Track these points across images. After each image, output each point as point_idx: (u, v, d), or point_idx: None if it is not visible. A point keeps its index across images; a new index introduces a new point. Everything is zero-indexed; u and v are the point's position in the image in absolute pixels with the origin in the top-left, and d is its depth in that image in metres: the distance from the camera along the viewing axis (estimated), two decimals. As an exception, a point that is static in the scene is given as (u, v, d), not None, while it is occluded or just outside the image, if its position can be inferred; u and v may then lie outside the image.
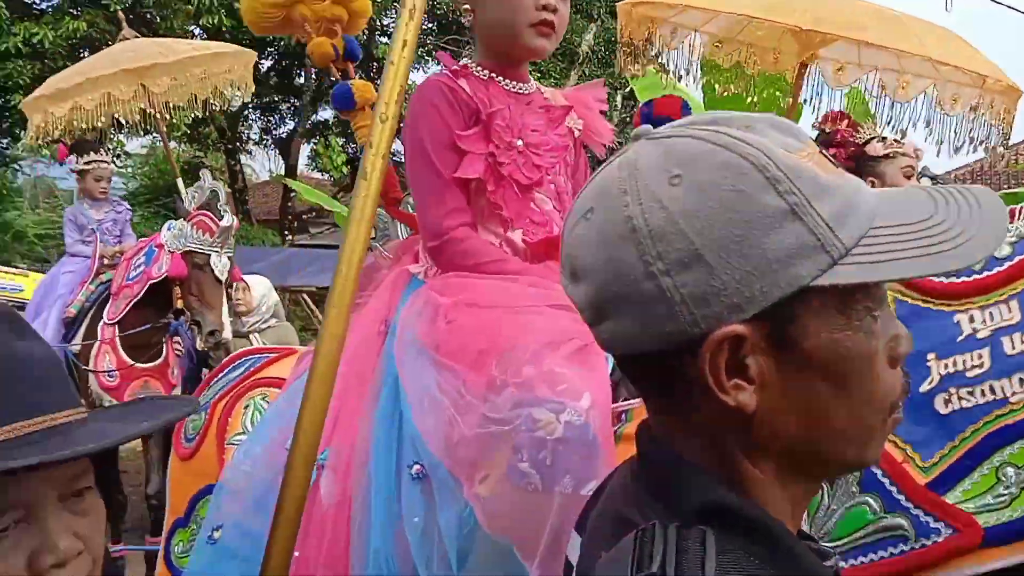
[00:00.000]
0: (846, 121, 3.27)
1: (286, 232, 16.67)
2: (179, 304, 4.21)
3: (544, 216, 1.71)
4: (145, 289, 4.22)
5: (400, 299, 1.68)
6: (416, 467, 1.43)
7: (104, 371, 4.26)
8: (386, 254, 1.96)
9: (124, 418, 1.05)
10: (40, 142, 4.73)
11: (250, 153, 19.08)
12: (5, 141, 14.08)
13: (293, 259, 5.53)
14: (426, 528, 1.39)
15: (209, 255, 4.12)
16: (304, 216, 17.79)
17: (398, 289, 1.72)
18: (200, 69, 4.72)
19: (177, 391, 4.45)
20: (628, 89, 16.29)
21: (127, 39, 4.98)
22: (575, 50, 18.52)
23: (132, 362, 4.32)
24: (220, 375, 2.20)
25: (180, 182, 4.70)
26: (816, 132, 3.34)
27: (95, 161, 4.79)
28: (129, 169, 22.60)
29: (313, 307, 5.96)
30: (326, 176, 18.72)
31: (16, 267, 15.53)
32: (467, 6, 1.71)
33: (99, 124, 4.67)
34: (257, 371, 2.13)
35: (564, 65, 19.24)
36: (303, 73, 16.07)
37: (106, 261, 4.65)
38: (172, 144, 17.29)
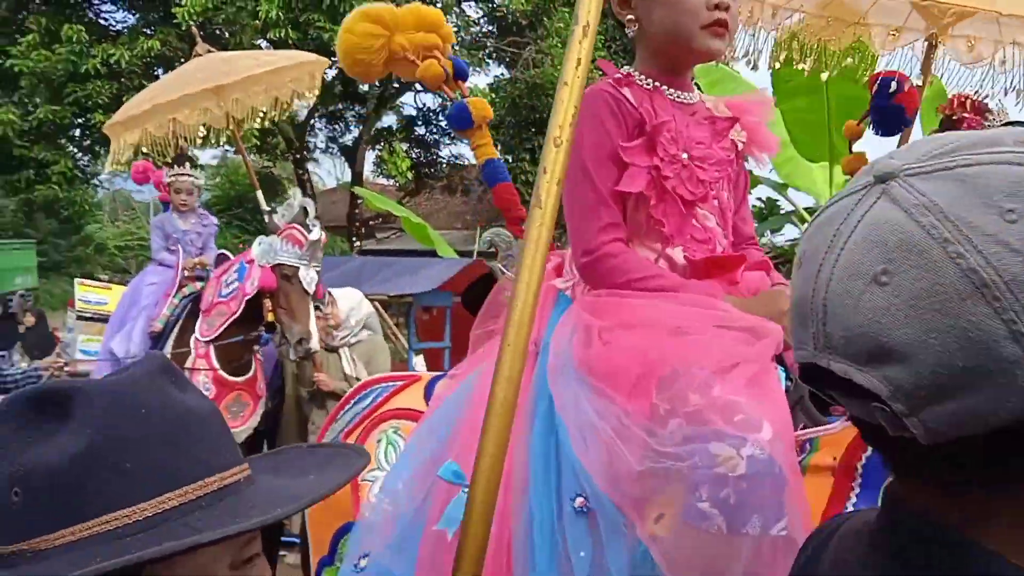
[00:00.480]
0: (970, 102, 3.05)
1: (354, 238, 16.94)
2: (270, 317, 4.27)
3: (707, 233, 1.61)
4: (243, 306, 4.29)
5: (549, 317, 1.61)
6: (579, 500, 1.35)
7: (201, 386, 4.26)
8: (511, 276, 1.92)
9: (282, 470, 0.96)
10: (119, 166, 4.89)
11: (317, 161, 19.46)
12: (86, 158, 14.66)
13: (364, 267, 5.56)
14: (594, 564, 1.32)
15: (298, 267, 4.20)
16: (371, 222, 18.06)
17: (546, 306, 1.62)
18: (263, 85, 4.80)
19: (262, 404, 4.52)
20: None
21: (200, 55, 5.09)
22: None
23: (226, 376, 4.38)
24: (348, 407, 2.16)
25: (260, 194, 4.80)
26: (940, 117, 3.16)
27: (176, 174, 4.91)
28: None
29: (385, 315, 6.00)
30: (391, 181, 18.96)
31: (98, 278, 16.19)
32: (631, 16, 1.62)
33: (169, 148, 4.81)
34: (385, 401, 2.08)
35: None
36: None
37: (186, 273, 4.73)
38: (239, 156, 17.81)
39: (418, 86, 18.05)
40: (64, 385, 0.81)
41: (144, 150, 4.80)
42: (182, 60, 12.97)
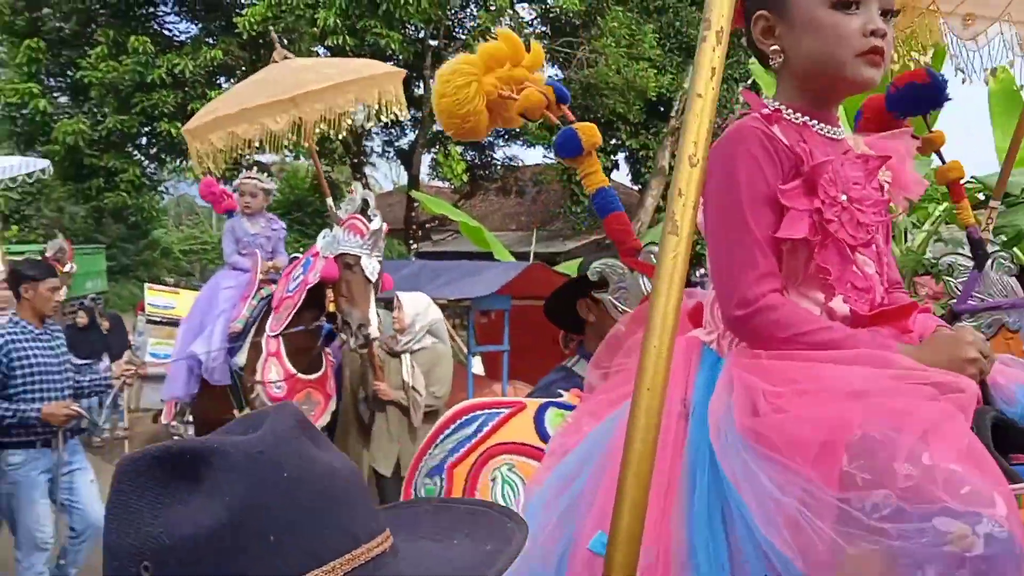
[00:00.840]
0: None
1: (411, 241, 17.12)
2: (331, 307, 4.35)
3: (867, 280, 1.49)
4: (304, 295, 4.37)
5: (696, 374, 1.49)
6: None
7: (272, 382, 4.43)
8: (626, 310, 1.83)
9: (419, 530, 0.86)
10: (203, 169, 5.00)
11: (374, 165, 19.70)
12: (152, 166, 15.10)
13: (423, 271, 5.59)
14: None
15: (360, 256, 4.25)
16: (427, 224, 18.21)
17: (691, 361, 1.51)
18: (352, 95, 4.86)
19: (332, 402, 4.62)
20: (750, 81, 15.79)
21: (276, 62, 5.15)
22: (692, 43, 18.11)
23: (296, 373, 4.48)
24: (447, 432, 2.03)
25: (329, 200, 4.84)
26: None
27: (244, 177, 5.06)
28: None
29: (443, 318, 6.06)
30: (446, 184, 19.10)
31: (164, 281, 16.65)
32: (775, 46, 1.51)
33: (253, 149, 4.90)
34: (493, 432, 1.97)
35: (680, 59, 18.86)
36: (422, 85, 16.46)
37: (261, 276, 4.84)
38: (302, 161, 18.19)
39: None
40: (197, 444, 0.71)
41: (210, 166, 4.88)
42: (243, 68, 13.30)
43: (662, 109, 18.83)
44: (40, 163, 9.47)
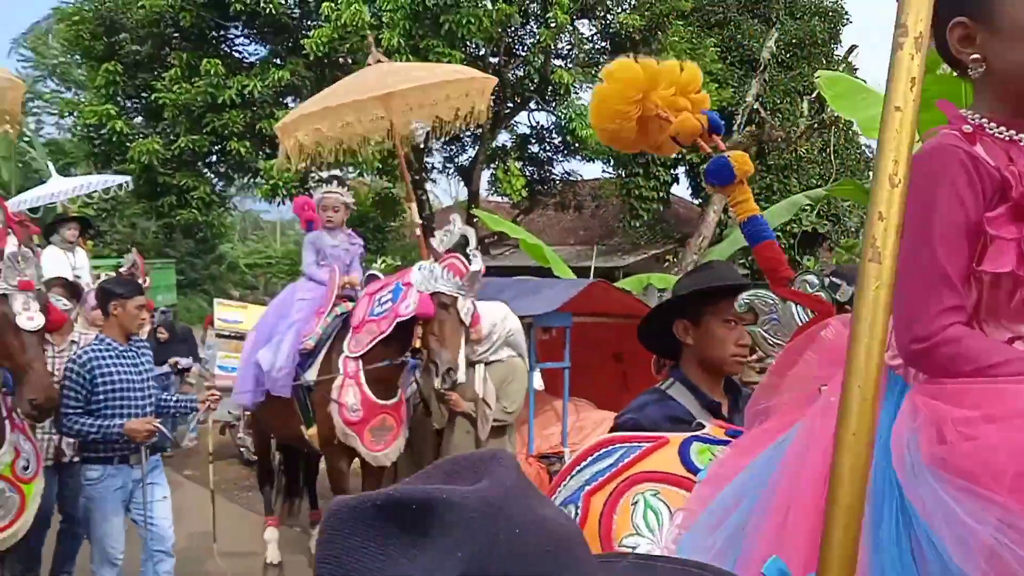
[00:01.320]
0: None
1: (469, 256, 17.23)
2: (418, 343, 4.28)
3: None
4: (393, 327, 4.30)
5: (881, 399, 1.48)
6: None
7: (349, 405, 4.36)
8: (780, 343, 1.75)
9: None
10: (290, 165, 5.06)
11: (435, 181, 19.92)
12: (221, 183, 15.54)
13: (486, 288, 5.65)
14: None
15: (456, 297, 4.19)
16: (486, 239, 18.32)
17: None
18: (444, 93, 4.78)
19: (404, 429, 4.58)
20: (815, 94, 15.52)
21: (370, 64, 5.12)
22: (755, 56, 17.92)
23: (376, 399, 4.40)
24: (583, 464, 1.97)
25: (414, 207, 4.77)
26: None
27: (326, 192, 5.01)
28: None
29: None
30: (505, 199, 19.20)
31: (230, 295, 17.07)
32: (975, 55, 1.40)
33: (342, 151, 4.92)
34: (634, 462, 1.89)
35: (742, 72, 18.66)
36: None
37: (338, 292, 4.80)
38: (366, 177, 18.50)
39: (532, 104, 18.32)
40: (422, 493, 0.62)
41: (295, 163, 4.84)
42: (309, 88, 13.63)
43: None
44: (119, 179, 9.83)
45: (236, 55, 14.93)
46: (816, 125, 15.37)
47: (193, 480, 8.27)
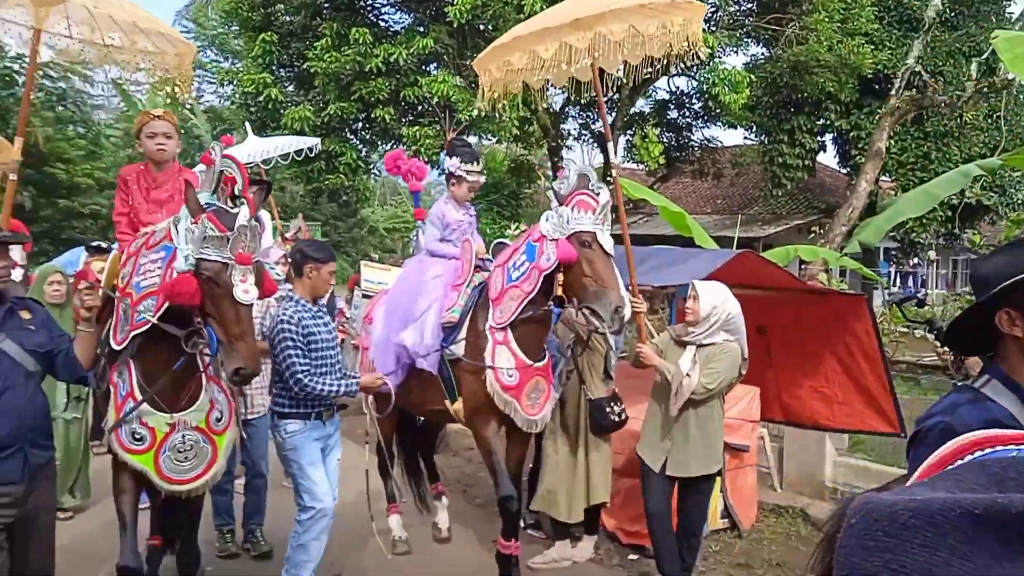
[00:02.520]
0: None
1: (604, 223, 17.13)
2: (559, 291, 4.08)
3: None
4: (540, 283, 4.12)
5: None
6: None
7: (503, 368, 4.26)
8: None
9: None
10: (488, 103, 4.79)
11: (570, 148, 19.84)
12: (366, 149, 16.09)
13: (624, 258, 5.56)
14: None
15: (595, 232, 3.99)
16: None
17: None
18: (657, 20, 4.41)
19: (555, 389, 4.48)
20: (984, 55, 14.35)
21: None
22: (916, 16, 16.72)
23: (528, 360, 4.28)
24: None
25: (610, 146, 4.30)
26: None
27: (475, 172, 4.84)
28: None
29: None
30: (640, 167, 18.92)
31: (371, 257, 17.71)
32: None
33: (533, 82, 4.66)
34: None
35: (900, 33, 17.47)
36: (623, 67, 16.39)
37: (477, 263, 4.66)
38: (502, 146, 18.70)
39: (673, 69, 17.89)
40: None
41: (493, 98, 4.66)
42: (452, 56, 13.87)
43: (878, 87, 17.60)
44: (311, 141, 10.23)
45: (382, 24, 15.33)
46: (984, 89, 14.19)
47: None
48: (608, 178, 12.88)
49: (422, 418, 5.66)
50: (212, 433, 3.45)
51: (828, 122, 18.65)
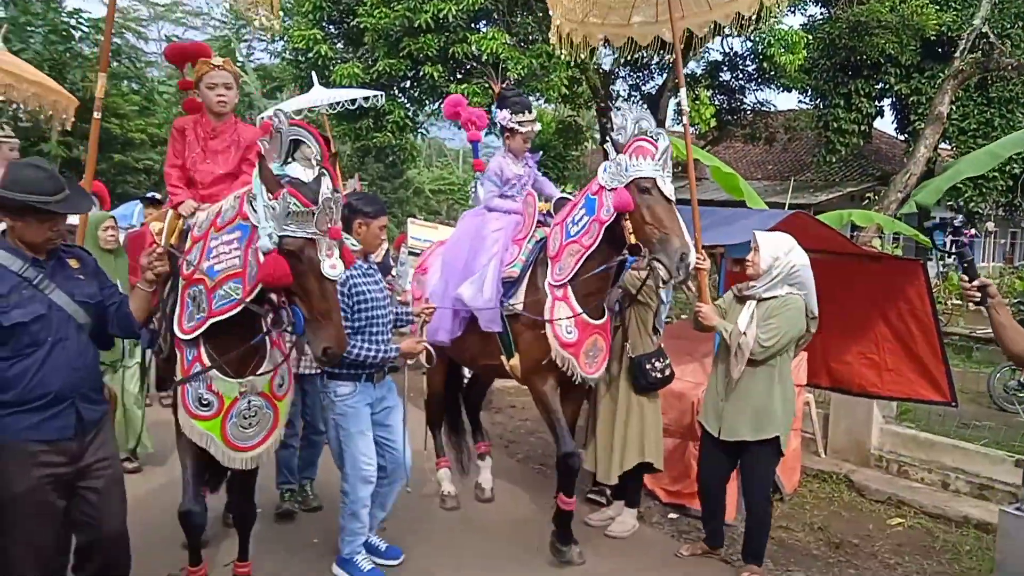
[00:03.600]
0: None
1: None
2: (631, 240, 3.90)
3: None
4: (600, 236, 4.00)
5: None
6: None
7: (562, 320, 4.16)
8: None
9: None
10: (564, 48, 4.74)
11: (619, 109, 19.55)
12: (413, 108, 16.04)
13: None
14: None
15: (655, 179, 3.83)
16: (674, 170, 17.91)
17: None
18: None
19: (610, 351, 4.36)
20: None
21: None
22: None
23: (587, 318, 4.17)
24: None
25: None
26: None
27: (528, 122, 4.67)
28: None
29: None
30: (692, 129, 18.61)
31: (414, 218, 17.77)
32: None
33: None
34: None
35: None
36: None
37: (536, 217, 4.53)
38: (550, 106, 18.50)
39: (727, 29, 17.40)
40: None
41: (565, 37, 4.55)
42: (502, 12, 13.68)
43: (940, 50, 16.97)
44: (375, 92, 10.30)
45: (432, -22, 15.16)
46: None
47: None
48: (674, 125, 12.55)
49: (472, 373, 5.64)
50: (275, 398, 3.38)
51: (887, 86, 18.09)
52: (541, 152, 5.05)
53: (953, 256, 3.58)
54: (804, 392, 5.74)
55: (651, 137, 3.90)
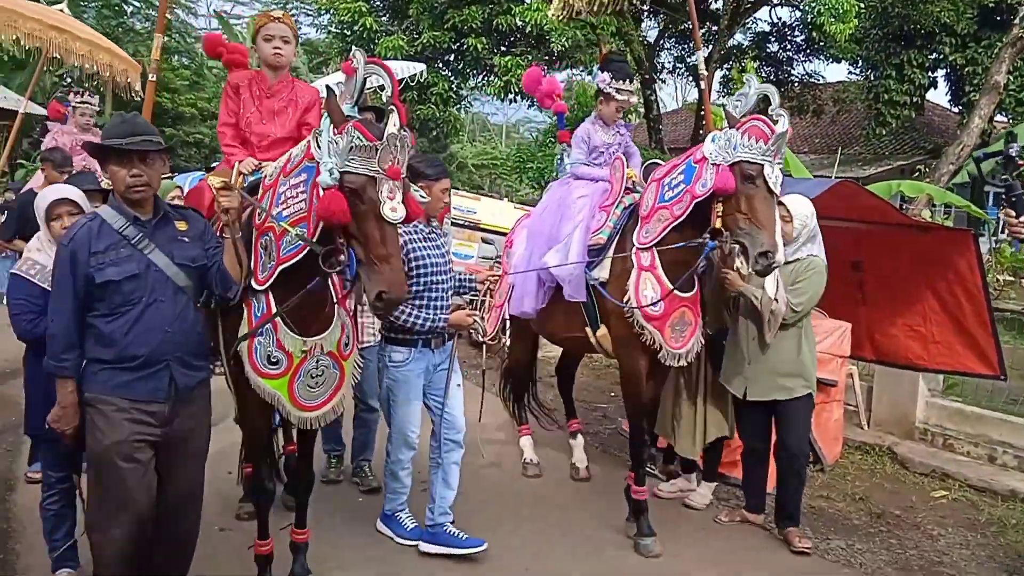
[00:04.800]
0: None
1: (696, 160, 16.78)
2: (717, 223, 3.67)
3: None
4: (690, 209, 3.76)
5: None
6: None
7: (646, 298, 3.95)
8: None
9: None
10: (564, 15, 4.61)
11: (664, 81, 19.35)
12: (457, 81, 16.09)
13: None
14: None
15: (762, 165, 3.54)
16: (714, 144, 17.73)
17: None
18: None
19: (701, 325, 4.11)
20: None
21: None
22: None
23: (674, 290, 3.91)
24: None
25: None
26: None
27: (626, 91, 4.45)
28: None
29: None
30: (737, 102, 18.36)
31: (457, 190, 17.83)
32: None
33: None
34: None
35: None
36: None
37: (624, 184, 4.35)
38: (590, 78, 18.36)
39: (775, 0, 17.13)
40: None
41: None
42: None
43: (999, 18, 16.43)
44: (418, 66, 10.30)
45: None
46: None
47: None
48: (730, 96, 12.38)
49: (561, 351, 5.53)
50: (341, 358, 3.30)
51: (941, 56, 17.59)
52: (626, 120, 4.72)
53: (1001, 187, 3.51)
54: (847, 363, 5.70)
55: (770, 117, 3.61)
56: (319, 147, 2.78)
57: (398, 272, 2.76)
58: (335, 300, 3.27)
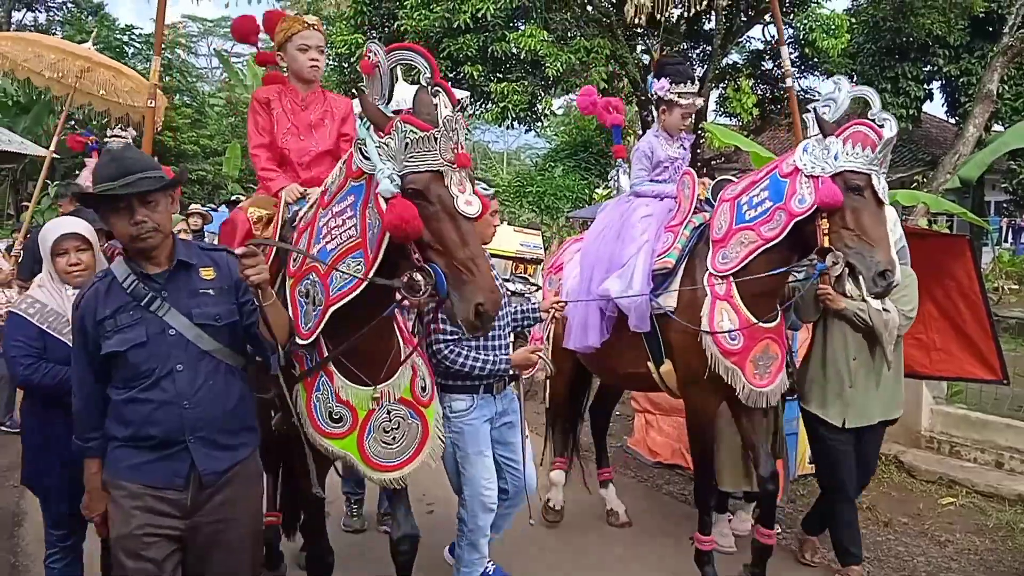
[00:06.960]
0: None
1: (696, 178, 16.89)
2: (825, 241, 3.25)
3: None
4: (788, 230, 3.35)
5: None
6: None
7: (724, 331, 3.53)
8: None
9: None
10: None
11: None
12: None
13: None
14: None
15: (869, 175, 3.19)
16: (712, 162, 17.84)
17: None
18: None
19: (787, 355, 3.74)
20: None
21: None
22: (1035, -51, 15.61)
23: (756, 320, 3.50)
24: None
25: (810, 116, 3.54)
26: None
27: (689, 94, 3.98)
28: (548, 129, 24.75)
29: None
30: (733, 120, 18.45)
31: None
32: None
33: None
34: None
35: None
36: (712, 18, 15.94)
37: (694, 202, 3.92)
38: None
39: (767, 17, 17.22)
40: None
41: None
42: (539, 10, 13.78)
43: (991, 28, 16.55)
44: (461, 93, 10.45)
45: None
46: None
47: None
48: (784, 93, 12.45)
49: (597, 390, 5.11)
50: (419, 405, 2.87)
51: (935, 68, 17.70)
52: (694, 135, 4.33)
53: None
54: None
55: (875, 122, 3.28)
56: (366, 158, 2.38)
57: (488, 276, 2.29)
58: (399, 337, 2.85)
